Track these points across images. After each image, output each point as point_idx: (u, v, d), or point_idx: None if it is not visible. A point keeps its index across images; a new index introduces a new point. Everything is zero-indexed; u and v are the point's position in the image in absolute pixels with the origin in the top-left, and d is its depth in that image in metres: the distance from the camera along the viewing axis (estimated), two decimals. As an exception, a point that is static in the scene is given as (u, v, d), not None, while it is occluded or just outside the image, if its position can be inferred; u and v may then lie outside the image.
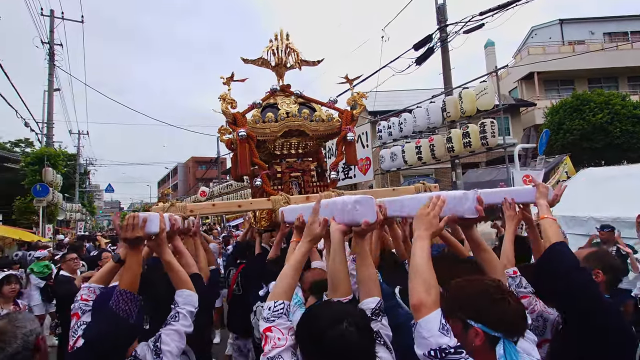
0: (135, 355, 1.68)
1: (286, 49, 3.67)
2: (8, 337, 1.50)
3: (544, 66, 20.05)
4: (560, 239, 1.85)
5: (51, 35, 16.57)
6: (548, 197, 2.05)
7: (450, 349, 1.19)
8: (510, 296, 1.28)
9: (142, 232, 1.72)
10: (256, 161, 3.38)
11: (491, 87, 8.42)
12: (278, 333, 1.39)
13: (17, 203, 16.67)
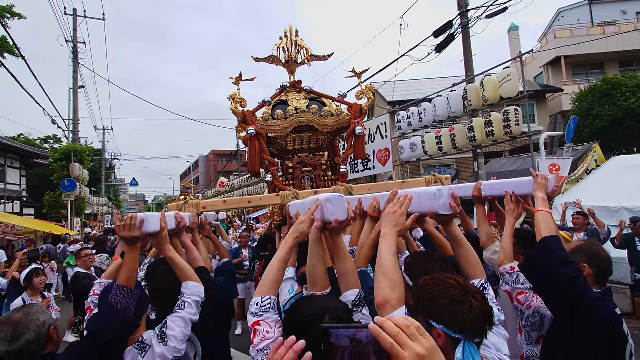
0: (142, 340, 1.80)
1: (295, 46, 3.68)
2: (23, 328, 1.65)
3: (571, 50, 19.20)
4: (551, 232, 1.83)
5: (75, 34, 16.99)
6: (548, 189, 2.02)
7: None
8: (474, 297, 1.26)
9: (138, 232, 1.81)
10: (266, 158, 3.45)
11: (515, 74, 8.09)
12: (266, 326, 1.45)
13: (47, 197, 17.35)
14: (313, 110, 3.48)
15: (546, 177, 2.06)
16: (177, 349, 1.80)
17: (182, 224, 2.30)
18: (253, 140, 3.34)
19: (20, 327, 1.65)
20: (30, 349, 1.64)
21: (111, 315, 1.68)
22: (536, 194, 2.01)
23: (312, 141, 3.69)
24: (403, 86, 19.37)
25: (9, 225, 11.12)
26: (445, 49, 10.05)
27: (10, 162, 19.96)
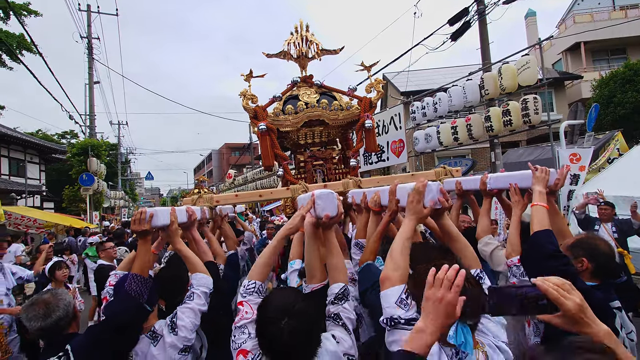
0: (154, 330, 1.90)
1: (306, 41, 3.72)
2: (53, 307, 1.87)
3: (592, 35, 18.59)
4: (543, 226, 1.86)
5: (89, 30, 17.18)
6: (549, 182, 2.03)
7: (400, 320, 1.33)
8: (467, 281, 1.30)
9: (148, 225, 1.93)
10: (277, 152, 3.53)
11: (534, 61, 7.84)
12: (247, 307, 1.59)
13: (66, 192, 17.74)
14: (323, 105, 3.54)
15: (547, 170, 2.05)
16: (187, 339, 1.88)
17: (193, 217, 2.39)
18: (264, 135, 3.43)
19: (50, 305, 1.85)
20: (60, 325, 1.86)
21: (126, 302, 1.82)
22: (534, 187, 2.02)
23: (323, 135, 3.74)
24: (416, 76, 19.08)
25: (31, 218, 11.44)
26: (460, 37, 9.82)
27: (29, 157, 20.46)
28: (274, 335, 1.37)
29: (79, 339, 1.83)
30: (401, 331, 1.33)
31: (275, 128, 3.52)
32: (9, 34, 11.02)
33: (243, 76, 3.55)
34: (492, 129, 8.61)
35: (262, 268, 1.73)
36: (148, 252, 1.95)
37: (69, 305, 1.92)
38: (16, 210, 11.77)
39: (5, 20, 11.48)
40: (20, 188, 17.10)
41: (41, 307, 1.85)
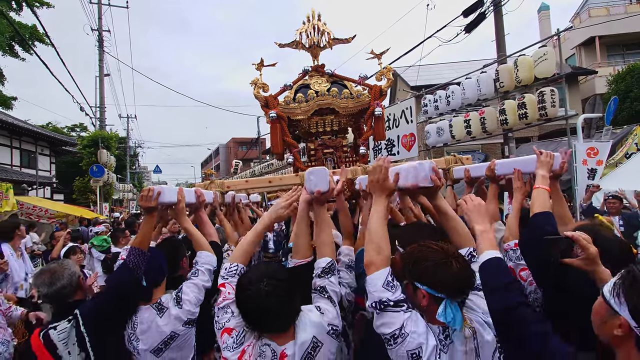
0: (160, 302, 2.02)
1: (318, 30, 3.73)
2: (58, 275, 2.04)
3: (607, 29, 18.22)
4: (544, 209, 1.86)
5: (100, 22, 17.20)
6: (554, 166, 2.04)
7: (389, 302, 1.35)
8: (455, 260, 1.36)
9: (154, 203, 2.02)
10: (288, 140, 3.60)
11: (552, 52, 7.69)
12: (229, 288, 1.63)
13: (76, 183, 17.88)
14: (333, 93, 3.55)
15: (551, 155, 2.06)
16: (191, 312, 1.99)
17: (201, 199, 2.45)
18: (275, 123, 3.49)
19: (56, 274, 2.04)
20: (63, 292, 2.03)
21: (124, 273, 1.95)
22: (537, 171, 2.02)
23: (334, 123, 3.77)
24: (426, 71, 18.87)
25: (43, 208, 11.54)
26: (475, 29, 9.65)
27: (40, 149, 20.63)
28: (253, 296, 1.45)
29: (86, 305, 2.00)
30: (390, 313, 1.35)
31: (285, 116, 3.57)
32: (22, 25, 11.06)
33: (254, 65, 3.59)
34: (506, 122, 8.47)
35: (245, 252, 1.77)
36: (150, 228, 2.06)
37: (74, 275, 2.08)
38: (28, 201, 11.88)
39: (18, 11, 11.53)
40: (31, 179, 17.26)
41: (47, 276, 2.03)
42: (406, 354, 1.30)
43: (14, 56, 11.31)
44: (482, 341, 1.38)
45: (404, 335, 1.31)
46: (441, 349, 1.32)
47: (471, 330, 1.38)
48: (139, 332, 1.96)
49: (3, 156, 17.89)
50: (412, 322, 1.33)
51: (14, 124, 17.15)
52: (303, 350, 1.48)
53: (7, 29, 10.03)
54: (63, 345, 1.85)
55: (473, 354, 1.36)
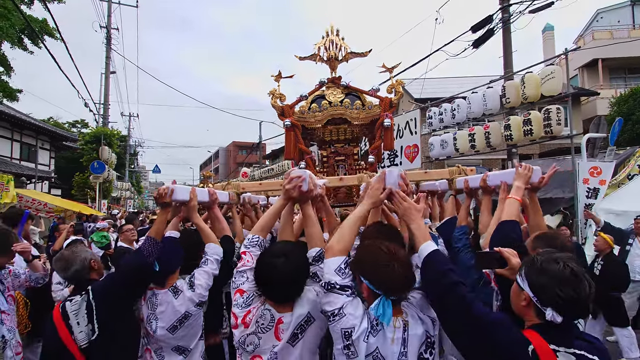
0: (175, 286, 2.26)
1: (335, 45, 3.95)
2: (72, 260, 2.30)
3: (610, 52, 18.45)
4: (510, 217, 2.02)
5: (109, 20, 17.30)
6: (533, 179, 2.18)
7: (336, 285, 1.54)
8: (398, 263, 1.52)
9: (169, 199, 2.29)
10: (301, 147, 3.83)
11: (559, 71, 7.78)
12: (249, 257, 1.85)
13: (76, 178, 17.79)
14: (345, 104, 3.75)
15: (530, 168, 2.19)
16: (202, 295, 2.25)
17: (214, 197, 2.69)
18: (289, 130, 3.72)
19: (69, 261, 2.30)
20: (79, 275, 2.30)
21: (137, 257, 2.20)
22: (514, 182, 2.17)
23: (347, 133, 3.97)
24: (431, 84, 19.02)
25: (41, 202, 11.45)
26: (483, 44, 9.76)
27: (41, 143, 20.57)
28: (269, 268, 1.71)
29: (98, 282, 2.29)
30: (335, 294, 1.54)
31: (300, 125, 3.79)
32: (33, 18, 11.09)
33: (273, 77, 3.82)
34: (511, 138, 8.52)
35: (265, 226, 2.02)
36: (164, 221, 2.32)
37: (85, 260, 2.33)
38: (27, 194, 11.78)
39: (30, 4, 11.58)
40: (30, 173, 17.18)
41: (62, 262, 2.31)
42: (340, 331, 1.50)
43: (23, 49, 11.31)
44: (412, 334, 1.55)
45: (342, 315, 1.51)
46: (370, 332, 1.50)
47: (404, 322, 1.55)
48: (158, 312, 2.21)
49: (3, 148, 17.82)
50: (351, 306, 1.53)
51: (15, 116, 17.12)
52: (298, 321, 1.71)
53: (18, 22, 10.06)
54: (74, 316, 2.09)
55: (399, 342, 1.52)
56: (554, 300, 1.31)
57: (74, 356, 2.03)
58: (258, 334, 1.70)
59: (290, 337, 1.69)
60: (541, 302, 1.34)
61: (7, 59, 11.19)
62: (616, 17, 22.39)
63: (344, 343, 1.50)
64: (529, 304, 1.39)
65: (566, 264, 1.35)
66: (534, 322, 1.40)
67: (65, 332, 2.04)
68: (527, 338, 1.34)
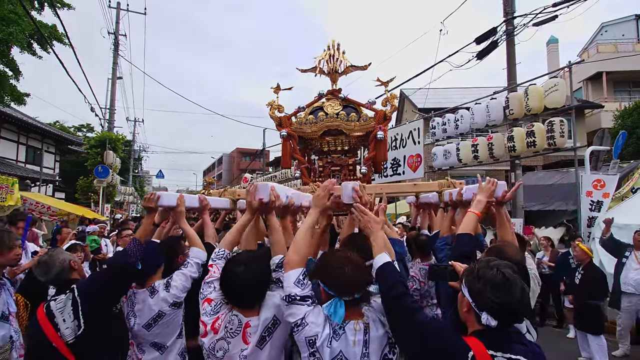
0: (153, 286, 2.39)
1: (336, 59, 4.06)
2: (50, 264, 2.38)
3: (614, 65, 18.49)
4: (465, 230, 2.12)
5: (117, 27, 17.54)
6: (497, 193, 2.22)
7: (297, 297, 1.62)
8: (350, 266, 1.61)
9: (154, 204, 2.43)
10: (297, 157, 3.97)
11: (563, 84, 7.81)
12: (215, 269, 1.96)
13: (80, 182, 17.88)
14: (341, 116, 3.85)
15: (494, 182, 2.25)
16: (177, 296, 2.35)
17: (204, 203, 2.81)
18: (286, 140, 3.85)
19: (48, 265, 2.38)
20: (59, 276, 2.38)
21: (122, 256, 2.34)
22: (477, 197, 2.23)
23: (344, 144, 4.06)
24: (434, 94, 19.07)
25: (45, 205, 11.52)
26: (486, 56, 9.81)
27: (46, 146, 20.74)
28: (231, 276, 1.82)
29: (82, 280, 2.39)
30: (297, 306, 1.61)
31: (296, 135, 3.91)
32: (42, 24, 11.26)
33: (272, 89, 3.96)
34: (514, 149, 8.53)
35: (232, 241, 2.12)
36: (150, 224, 2.47)
37: (64, 262, 2.41)
38: (31, 197, 11.87)
39: (40, 10, 11.75)
40: (35, 176, 17.30)
41: (42, 267, 2.39)
42: (304, 340, 1.57)
43: (32, 54, 11.47)
44: (373, 335, 1.62)
45: (304, 325, 1.58)
46: (333, 337, 1.58)
47: (364, 324, 1.62)
48: (136, 310, 2.37)
49: (9, 151, 17.98)
50: (313, 315, 1.60)
51: (22, 119, 17.30)
52: (265, 324, 1.80)
53: (28, 27, 10.21)
54: (60, 314, 2.15)
55: (361, 344, 1.59)
56: (488, 304, 1.38)
57: (59, 352, 2.11)
58: (227, 339, 1.78)
59: (259, 341, 1.77)
60: (478, 306, 1.42)
61: (16, 63, 11.32)
62: (621, 31, 22.47)
63: (310, 350, 1.57)
64: (469, 310, 1.47)
65: (499, 270, 1.42)
66: (475, 328, 1.47)
67: (51, 330, 2.11)
68: (467, 344, 1.40)
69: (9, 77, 11.37)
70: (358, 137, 3.99)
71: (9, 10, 9.99)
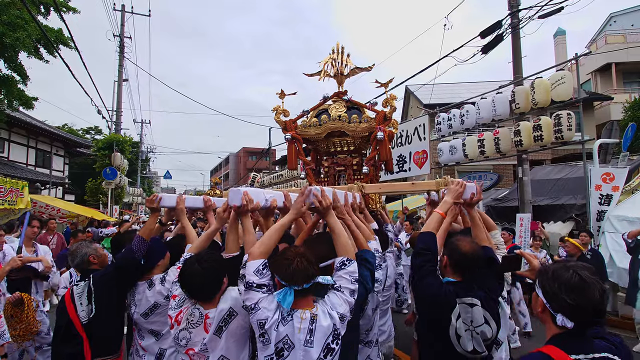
0: (152, 280, 2.61)
1: (342, 62, 4.19)
2: (75, 254, 2.90)
3: (624, 56, 18.19)
4: (427, 229, 2.29)
5: (122, 29, 17.67)
6: (465, 195, 2.40)
7: (254, 284, 1.81)
8: (299, 260, 1.78)
9: (156, 205, 2.76)
10: (301, 158, 4.16)
11: (569, 76, 7.68)
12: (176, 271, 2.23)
13: (89, 184, 18.08)
14: (343, 118, 3.98)
15: (462, 184, 2.40)
16: (170, 290, 2.45)
17: (208, 204, 3.01)
18: (291, 143, 4.04)
19: (73, 254, 2.92)
20: (80, 266, 2.90)
21: (128, 253, 2.60)
22: (445, 198, 2.39)
23: (350, 144, 4.18)
24: (440, 89, 18.94)
25: (55, 208, 11.68)
26: (492, 50, 9.69)
27: (55, 149, 21.01)
28: (187, 273, 2.05)
29: (98, 272, 2.74)
30: (253, 292, 1.81)
31: (301, 138, 4.09)
32: (48, 28, 11.39)
33: (277, 94, 4.12)
34: (521, 144, 8.43)
35: (199, 246, 2.40)
36: (153, 223, 2.73)
37: (85, 255, 2.89)
38: (41, 199, 12.03)
39: (46, 15, 11.90)
40: (44, 179, 17.54)
41: (70, 255, 2.94)
42: (256, 322, 1.77)
43: (39, 58, 11.60)
44: (319, 325, 1.78)
45: (257, 309, 1.77)
46: (281, 322, 1.77)
47: (312, 315, 1.79)
48: (136, 300, 2.61)
49: (19, 154, 18.25)
50: (266, 301, 1.79)
51: (31, 123, 17.53)
52: (221, 315, 2.00)
53: (35, 32, 10.34)
54: (78, 298, 2.57)
55: (306, 331, 1.76)
56: (563, 306, 1.37)
57: (77, 330, 2.51)
58: (189, 329, 2.01)
59: (216, 330, 1.98)
60: (552, 308, 1.41)
61: (24, 68, 11.47)
62: (630, 21, 22.06)
63: (260, 332, 1.77)
64: (544, 310, 1.47)
65: (575, 272, 1.39)
66: (552, 331, 1.45)
67: (72, 310, 2.53)
68: (548, 353, 1.37)
69: (17, 82, 11.54)
70: (362, 137, 4.07)
71: (15, 15, 10.13)
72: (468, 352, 2.00)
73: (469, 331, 2.02)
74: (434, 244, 2.24)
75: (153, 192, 45.27)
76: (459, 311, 2.04)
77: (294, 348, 1.75)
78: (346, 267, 1.96)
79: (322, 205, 2.14)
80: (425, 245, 2.23)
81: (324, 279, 1.86)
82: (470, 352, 2.00)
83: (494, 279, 2.18)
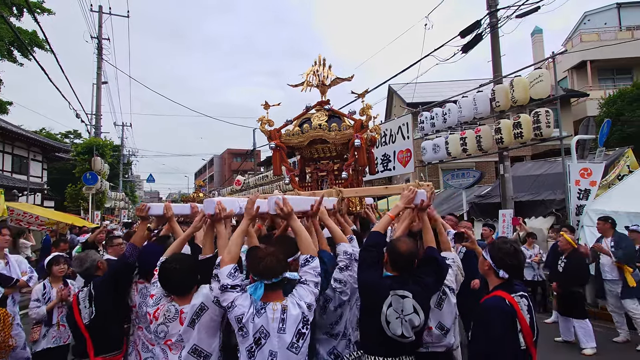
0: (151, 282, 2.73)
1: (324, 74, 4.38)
2: (84, 260, 3.16)
3: (598, 54, 18.72)
4: (377, 229, 2.60)
5: (100, 30, 17.26)
6: (415, 201, 2.65)
7: (228, 286, 2.04)
8: (269, 257, 2.04)
9: (145, 213, 3.03)
10: (285, 165, 4.39)
11: (547, 74, 7.86)
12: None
13: (68, 190, 17.61)
14: (324, 127, 4.21)
15: (414, 191, 2.66)
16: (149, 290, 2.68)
17: (194, 210, 3.13)
18: (276, 151, 4.28)
19: (82, 260, 3.18)
20: (89, 271, 3.14)
21: (122, 260, 2.93)
22: (397, 203, 2.68)
23: (331, 151, 4.39)
24: (422, 88, 19.13)
25: (33, 215, 11.32)
26: (471, 49, 9.85)
27: (33, 155, 20.40)
28: (164, 271, 2.30)
29: (98, 278, 3.04)
30: (228, 293, 2.03)
31: (285, 146, 4.31)
32: (22, 30, 11.05)
33: (262, 105, 4.32)
34: (502, 141, 8.59)
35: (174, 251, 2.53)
36: (144, 230, 3.01)
37: (94, 261, 3.18)
38: (18, 207, 11.65)
39: (19, 17, 11.54)
40: (22, 185, 17.01)
41: (78, 261, 3.19)
42: (234, 318, 2.01)
43: (12, 61, 11.25)
44: (290, 314, 2.04)
45: (234, 306, 2.01)
46: (256, 314, 2.01)
47: (282, 306, 2.04)
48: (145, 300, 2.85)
49: (-6, 161, 17.64)
50: (241, 299, 2.03)
51: (7, 128, 16.96)
52: (194, 310, 2.23)
53: (8, 34, 10.02)
54: (82, 301, 2.89)
55: (278, 321, 2.02)
56: (505, 265, 2.23)
57: (81, 330, 2.83)
58: (166, 323, 2.24)
59: (190, 322, 2.23)
60: (497, 266, 2.27)
61: (-4, 72, 11.11)
62: (603, 20, 22.74)
63: (238, 326, 2.01)
64: (490, 268, 2.31)
65: (512, 245, 2.31)
66: (494, 282, 2.30)
67: (77, 312, 2.85)
68: (501, 295, 2.21)
69: (-11, 86, 11.16)
70: (342, 144, 4.31)
71: (-14, 17, 9.78)
72: (397, 336, 2.29)
73: (399, 318, 2.29)
74: (381, 242, 2.54)
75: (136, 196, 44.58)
76: (390, 301, 2.32)
77: (270, 336, 2.01)
78: (309, 263, 2.23)
79: (284, 212, 2.35)
80: (373, 242, 2.53)
81: (291, 274, 2.14)
82: (399, 336, 2.29)
83: (432, 276, 2.43)
